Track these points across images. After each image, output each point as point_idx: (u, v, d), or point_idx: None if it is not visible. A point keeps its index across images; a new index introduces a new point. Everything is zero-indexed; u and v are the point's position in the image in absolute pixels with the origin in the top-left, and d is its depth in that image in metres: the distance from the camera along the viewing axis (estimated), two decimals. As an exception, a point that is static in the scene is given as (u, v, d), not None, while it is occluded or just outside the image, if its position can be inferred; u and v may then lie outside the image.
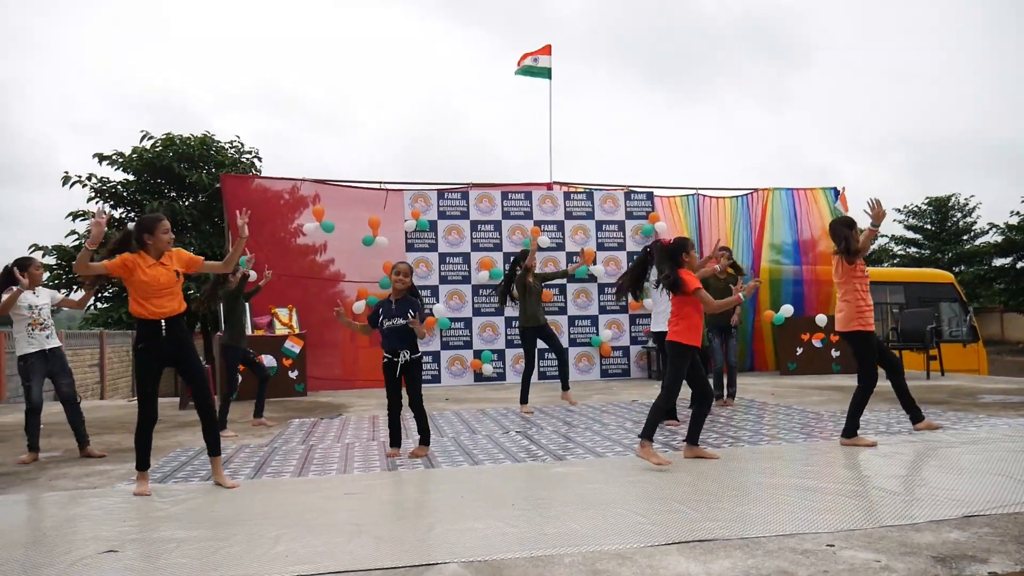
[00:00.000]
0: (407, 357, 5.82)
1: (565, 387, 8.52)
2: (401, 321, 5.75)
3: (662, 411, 5.47)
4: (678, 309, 5.40)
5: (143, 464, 4.81)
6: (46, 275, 6.67)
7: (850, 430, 5.67)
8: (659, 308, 7.18)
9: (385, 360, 5.89)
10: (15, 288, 6.02)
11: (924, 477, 4.68)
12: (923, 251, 36.38)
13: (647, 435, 5.22)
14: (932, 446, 5.58)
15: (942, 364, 11.71)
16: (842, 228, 5.79)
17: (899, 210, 36.92)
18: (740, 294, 5.72)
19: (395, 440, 5.97)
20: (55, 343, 6.34)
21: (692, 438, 5.41)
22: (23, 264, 6.19)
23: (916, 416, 6.15)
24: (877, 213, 5.67)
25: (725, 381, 8.60)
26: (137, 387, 4.87)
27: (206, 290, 7.67)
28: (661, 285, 5.47)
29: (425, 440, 5.97)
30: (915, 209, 37.00)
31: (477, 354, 12.35)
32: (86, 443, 6.36)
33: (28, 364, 6.18)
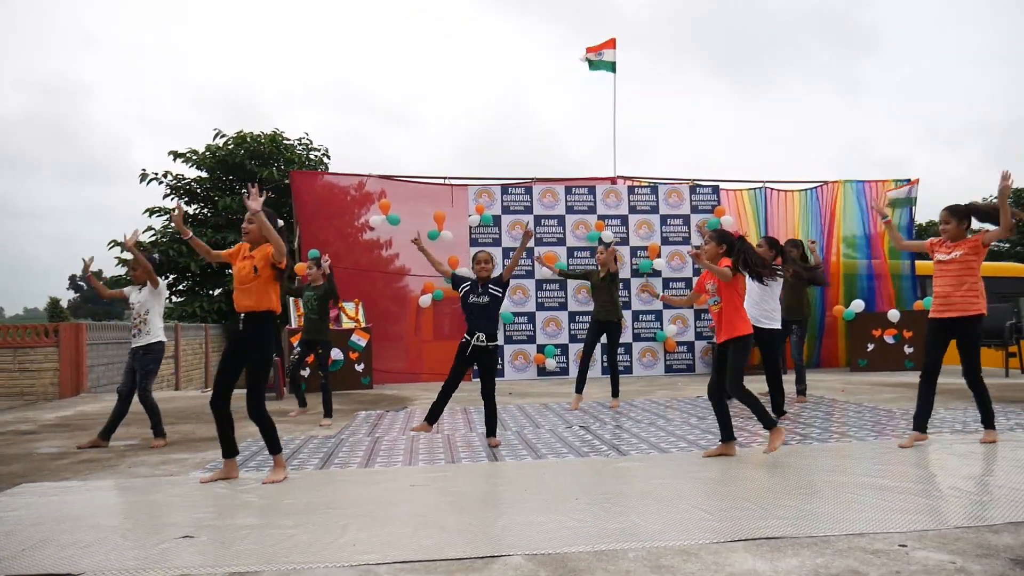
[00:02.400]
0: (482, 340, 5.90)
1: (614, 394, 8.40)
2: (485, 298, 5.89)
3: (757, 402, 5.35)
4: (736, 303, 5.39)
5: (224, 451, 4.96)
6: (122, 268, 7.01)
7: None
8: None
9: (463, 340, 5.97)
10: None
11: (1002, 477, 4.52)
12: (1002, 244, 35.10)
13: (768, 425, 5.25)
14: (1011, 446, 5.39)
15: (1022, 361, 11.30)
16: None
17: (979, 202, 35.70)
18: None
19: (432, 416, 5.92)
20: (139, 343, 6.54)
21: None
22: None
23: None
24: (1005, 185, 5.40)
25: (794, 378, 8.45)
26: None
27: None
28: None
29: (492, 431, 6.04)
30: (994, 201, 35.76)
31: (540, 348, 12.37)
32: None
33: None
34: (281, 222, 4.98)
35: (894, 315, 12.04)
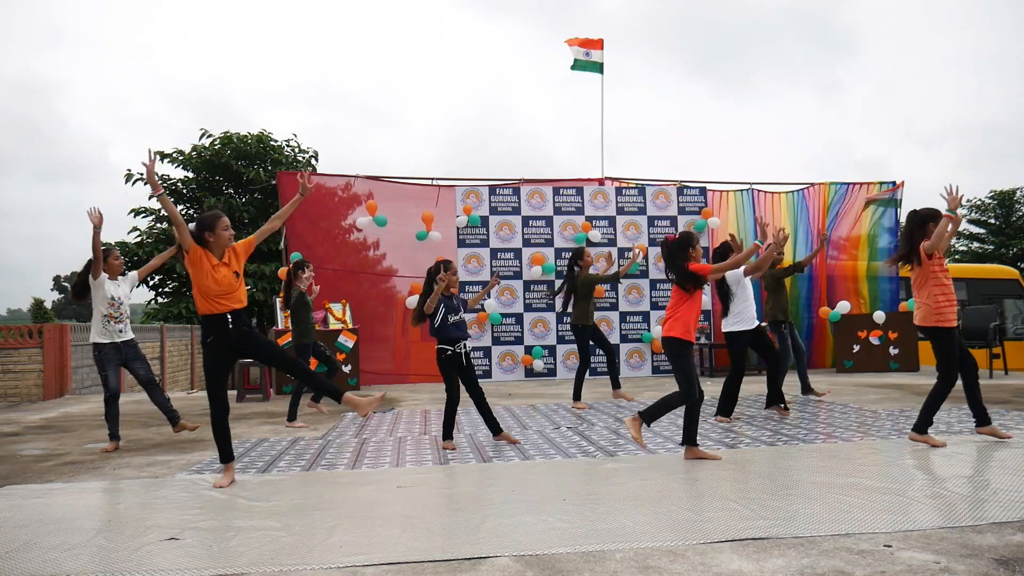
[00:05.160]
0: (467, 347, 6.04)
1: (616, 385, 8.44)
2: (463, 315, 6.06)
3: (672, 406, 5.25)
4: (674, 305, 5.29)
5: (225, 456, 4.85)
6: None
7: (922, 426, 5.53)
8: (736, 308, 7.08)
9: (448, 353, 5.96)
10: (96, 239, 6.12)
11: (986, 478, 4.56)
12: (987, 246, 35.34)
13: (689, 440, 5.21)
14: (994, 446, 5.43)
15: (1006, 363, 11.39)
16: (919, 219, 5.53)
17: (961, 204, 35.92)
18: (756, 241, 5.73)
19: (450, 433, 6.05)
20: (127, 336, 6.52)
21: (690, 439, 5.21)
22: (104, 254, 6.37)
23: (982, 419, 5.70)
24: (952, 198, 5.46)
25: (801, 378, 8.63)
26: (207, 382, 4.89)
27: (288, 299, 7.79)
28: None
29: (499, 427, 6.23)
30: (978, 203, 35.96)
31: (528, 350, 12.37)
32: (177, 419, 6.55)
33: (102, 354, 6.38)
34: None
35: (879, 316, 12.10)
